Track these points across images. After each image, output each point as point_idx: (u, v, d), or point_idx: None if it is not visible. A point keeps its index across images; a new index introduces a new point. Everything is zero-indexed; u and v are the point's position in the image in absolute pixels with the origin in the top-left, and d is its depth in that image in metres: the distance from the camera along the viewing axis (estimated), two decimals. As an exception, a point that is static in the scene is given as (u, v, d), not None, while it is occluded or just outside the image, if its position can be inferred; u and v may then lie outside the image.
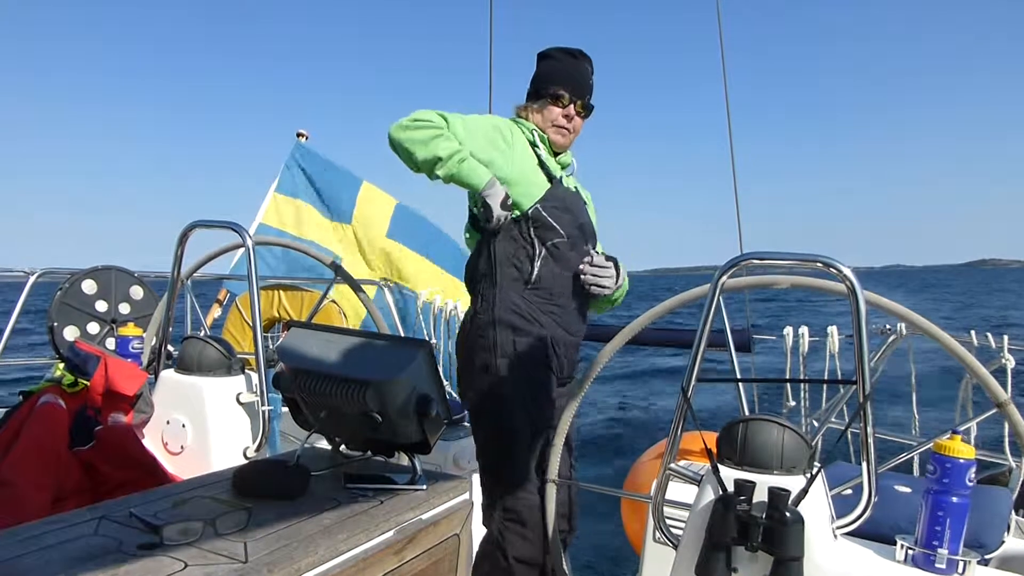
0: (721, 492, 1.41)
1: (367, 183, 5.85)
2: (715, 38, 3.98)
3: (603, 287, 2.19)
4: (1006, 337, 2.88)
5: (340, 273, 2.91)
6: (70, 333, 3.18)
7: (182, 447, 2.24)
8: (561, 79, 2.23)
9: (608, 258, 2.22)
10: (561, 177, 2.26)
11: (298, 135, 5.96)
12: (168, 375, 2.35)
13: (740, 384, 1.87)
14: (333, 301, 4.96)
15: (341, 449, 1.78)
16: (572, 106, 2.23)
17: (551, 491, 2.01)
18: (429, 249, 5.64)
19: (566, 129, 2.25)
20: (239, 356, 2.41)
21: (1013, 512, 1.87)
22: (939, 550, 1.37)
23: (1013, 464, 2.61)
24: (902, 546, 1.43)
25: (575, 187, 2.33)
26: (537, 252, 2.14)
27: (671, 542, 1.63)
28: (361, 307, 3.06)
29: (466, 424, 3.12)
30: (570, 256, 2.18)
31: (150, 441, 2.26)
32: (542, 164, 2.23)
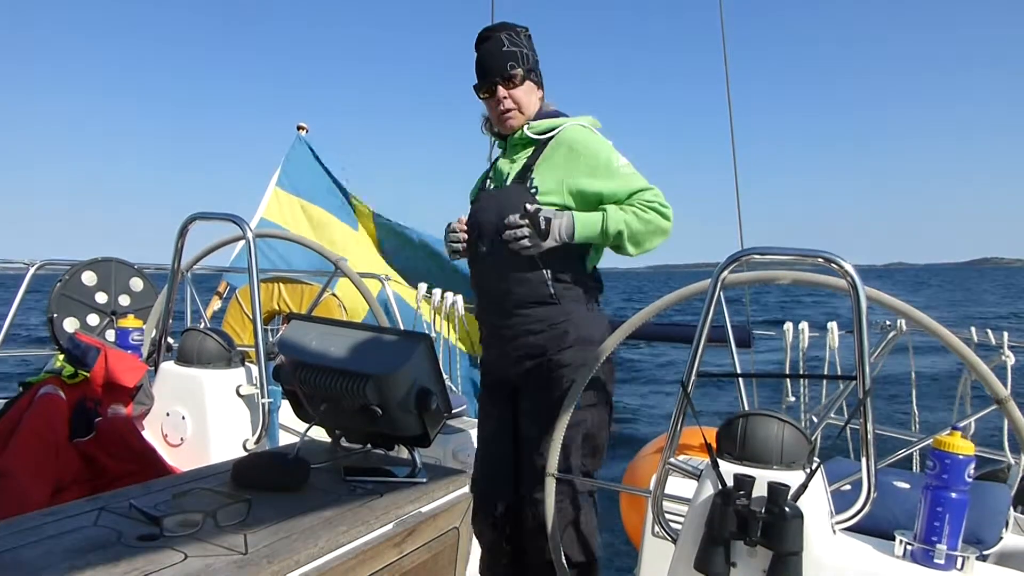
0: (720, 487, 1.41)
1: (352, 196, 5.94)
2: (718, 33, 3.97)
3: (522, 246, 2.04)
4: (1006, 333, 2.88)
5: (341, 267, 2.91)
6: (70, 324, 3.17)
7: (182, 439, 2.24)
8: (478, 74, 2.19)
9: (524, 215, 2.03)
10: (487, 179, 2.28)
11: (298, 128, 5.96)
12: (168, 367, 2.35)
13: (740, 379, 1.87)
14: (333, 294, 4.96)
15: (341, 442, 1.78)
16: (498, 89, 2.14)
17: (550, 485, 2.01)
18: (396, 256, 5.81)
19: (506, 113, 2.16)
20: (239, 348, 2.41)
21: (1012, 508, 1.88)
22: (938, 546, 1.37)
23: (1012, 460, 2.61)
24: (901, 541, 1.43)
25: (506, 174, 2.19)
26: None
27: (670, 536, 1.64)
28: (361, 300, 3.06)
29: (465, 418, 3.12)
30: (473, 262, 2.26)
31: (150, 433, 2.26)
32: (485, 177, 2.31)
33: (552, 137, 2.15)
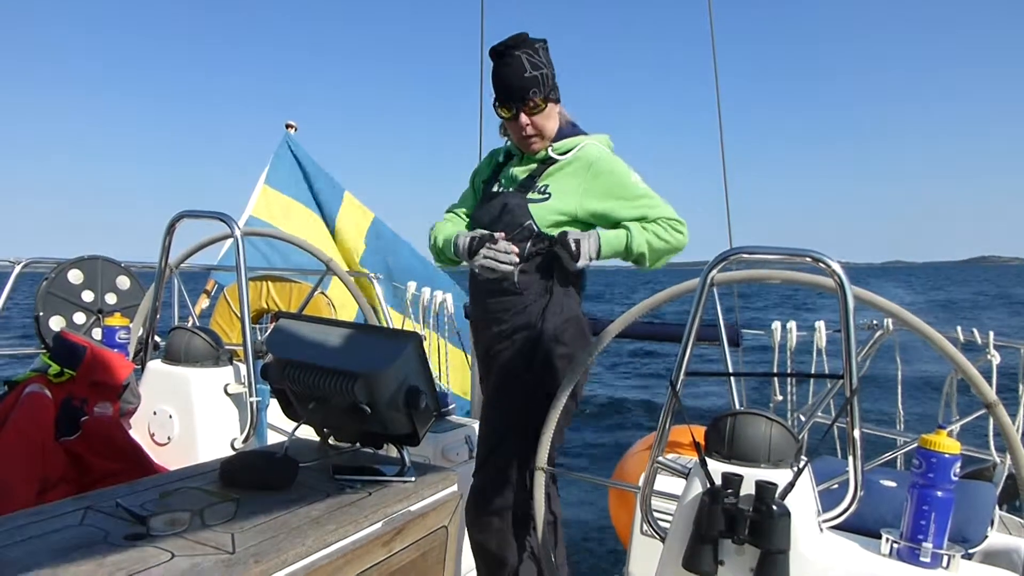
0: (709, 485, 1.42)
1: (348, 193, 5.91)
2: (706, 24, 3.97)
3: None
4: (991, 333, 2.89)
5: (331, 267, 2.90)
6: (56, 323, 3.15)
7: (169, 438, 2.23)
8: (498, 93, 2.11)
9: (554, 242, 2.05)
10: (498, 184, 2.22)
11: (287, 126, 5.94)
12: (155, 365, 2.33)
13: (729, 378, 1.87)
14: (323, 293, 4.95)
15: (329, 441, 1.78)
16: (520, 116, 2.08)
17: (539, 479, 2.02)
18: (392, 270, 5.78)
19: (529, 138, 2.13)
20: (227, 347, 2.40)
21: (997, 507, 1.89)
22: (924, 544, 1.38)
23: (998, 459, 2.63)
24: (887, 540, 1.44)
25: (515, 180, 2.18)
26: None
27: (658, 535, 1.64)
28: (351, 299, 3.05)
29: (454, 417, 3.12)
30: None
31: (137, 432, 2.24)
32: (494, 177, 2.27)
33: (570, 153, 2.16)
